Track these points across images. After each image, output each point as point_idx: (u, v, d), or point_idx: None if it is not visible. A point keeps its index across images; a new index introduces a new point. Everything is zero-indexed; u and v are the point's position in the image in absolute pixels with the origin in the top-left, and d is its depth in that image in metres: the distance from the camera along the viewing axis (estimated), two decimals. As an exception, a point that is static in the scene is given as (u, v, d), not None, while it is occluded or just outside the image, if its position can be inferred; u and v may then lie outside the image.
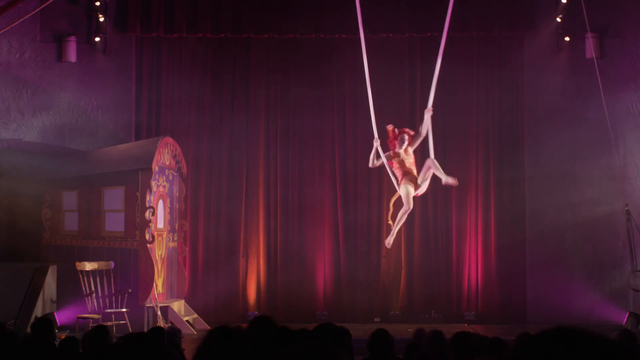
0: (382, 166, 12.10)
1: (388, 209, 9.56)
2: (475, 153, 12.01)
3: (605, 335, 1.54)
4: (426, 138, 9.11)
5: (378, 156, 9.22)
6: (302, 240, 12.04)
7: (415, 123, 12.06)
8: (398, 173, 9.10)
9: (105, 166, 10.92)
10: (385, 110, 12.21)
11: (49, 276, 10.46)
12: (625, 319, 11.17)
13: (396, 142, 9.14)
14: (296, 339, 3.66)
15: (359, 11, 8.92)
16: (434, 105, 9.11)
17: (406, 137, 9.12)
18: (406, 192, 8.95)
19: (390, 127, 9.25)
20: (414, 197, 9.14)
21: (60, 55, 11.79)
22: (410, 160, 9.11)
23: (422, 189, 9.07)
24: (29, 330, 8.63)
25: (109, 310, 10.01)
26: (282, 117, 12.19)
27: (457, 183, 9.26)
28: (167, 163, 11.11)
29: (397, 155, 9.11)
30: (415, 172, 9.10)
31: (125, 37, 11.92)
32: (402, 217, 9.13)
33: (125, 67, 11.98)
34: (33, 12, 10.65)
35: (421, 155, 9.74)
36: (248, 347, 3.14)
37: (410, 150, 9.14)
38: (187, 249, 11.74)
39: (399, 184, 9.08)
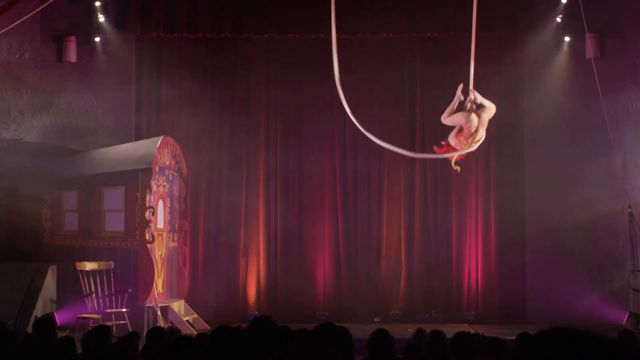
0: (383, 166, 12.14)
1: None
2: (475, 153, 11.97)
3: (605, 335, 1.54)
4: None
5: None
6: (302, 240, 12.05)
7: (415, 123, 12.10)
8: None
9: (105, 166, 10.91)
10: (385, 111, 12.24)
11: (49, 276, 10.47)
12: (625, 319, 11.17)
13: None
14: (296, 339, 3.66)
15: (333, 11, 8.71)
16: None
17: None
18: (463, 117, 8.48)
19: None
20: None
21: (60, 55, 11.79)
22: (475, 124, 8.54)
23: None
24: (29, 330, 8.64)
25: (109, 310, 10.00)
26: (282, 117, 12.19)
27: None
28: (167, 163, 11.11)
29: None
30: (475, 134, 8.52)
31: (125, 37, 11.92)
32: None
33: (125, 67, 11.97)
34: (33, 12, 10.65)
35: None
36: (248, 347, 3.14)
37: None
38: (187, 249, 11.74)
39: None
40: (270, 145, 12.15)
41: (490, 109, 8.73)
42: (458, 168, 8.68)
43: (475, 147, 8.66)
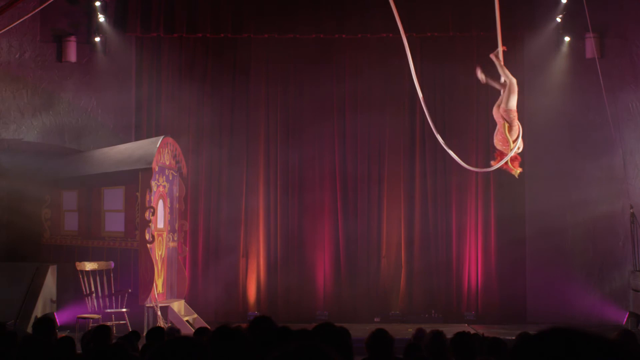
0: (383, 166, 12.14)
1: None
2: (475, 152, 12.00)
3: (604, 335, 1.54)
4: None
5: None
6: (302, 240, 12.05)
7: (415, 123, 12.09)
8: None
9: (105, 166, 10.92)
10: (385, 111, 12.24)
11: (49, 276, 10.46)
12: (625, 319, 11.17)
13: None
14: (296, 339, 3.65)
15: (395, 12, 8.73)
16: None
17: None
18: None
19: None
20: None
21: (60, 55, 11.80)
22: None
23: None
24: (29, 330, 8.64)
25: (109, 310, 10.00)
26: (282, 117, 12.19)
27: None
28: (167, 163, 11.11)
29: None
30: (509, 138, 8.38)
31: (125, 37, 11.92)
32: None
33: (125, 67, 11.97)
34: (33, 12, 10.65)
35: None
36: (248, 347, 3.14)
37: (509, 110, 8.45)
38: (187, 249, 11.74)
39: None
40: (270, 145, 12.15)
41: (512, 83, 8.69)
42: (519, 170, 8.75)
43: (519, 144, 8.60)
